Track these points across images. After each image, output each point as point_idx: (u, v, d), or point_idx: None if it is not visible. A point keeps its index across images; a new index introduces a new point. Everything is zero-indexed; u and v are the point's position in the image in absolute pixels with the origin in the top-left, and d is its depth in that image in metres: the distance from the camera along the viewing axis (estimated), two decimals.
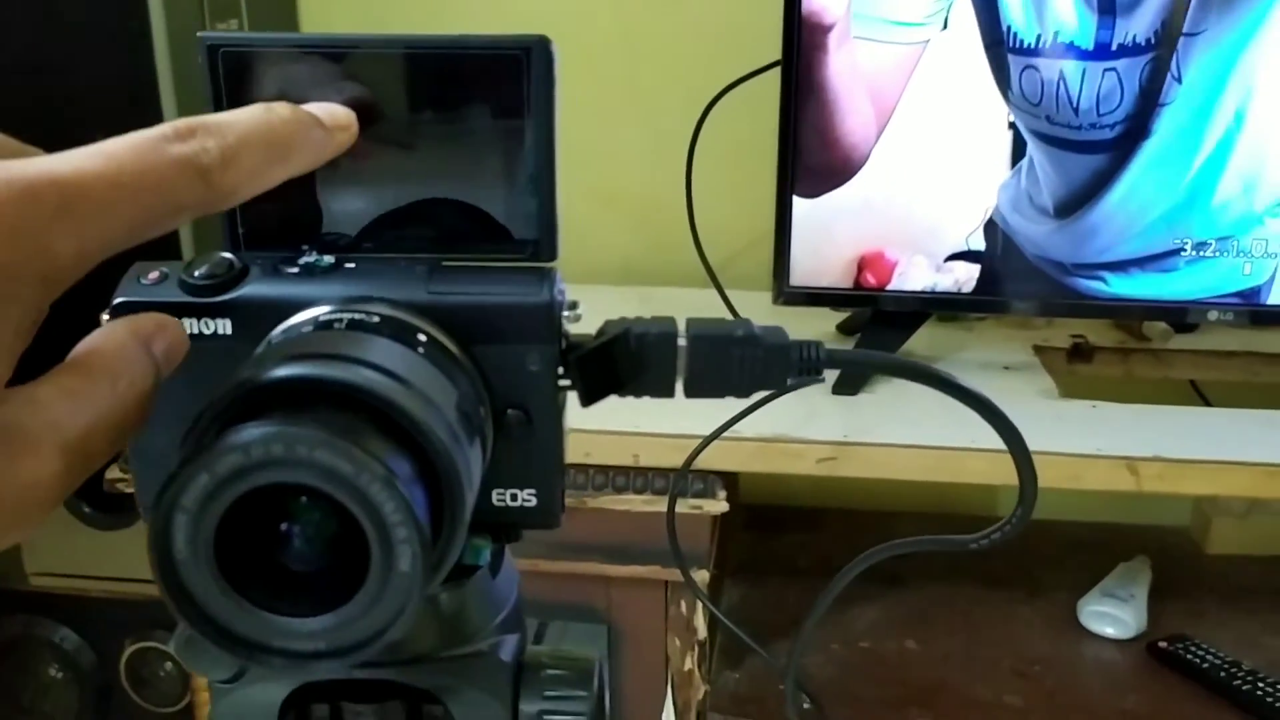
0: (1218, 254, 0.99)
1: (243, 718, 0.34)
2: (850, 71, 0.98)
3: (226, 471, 0.25)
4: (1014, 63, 0.95)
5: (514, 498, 0.34)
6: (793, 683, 0.81)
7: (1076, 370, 1.19)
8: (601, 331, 0.34)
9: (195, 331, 0.31)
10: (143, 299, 0.31)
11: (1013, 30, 0.94)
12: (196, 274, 0.31)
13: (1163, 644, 1.09)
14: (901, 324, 1.09)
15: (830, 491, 1.40)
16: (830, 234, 1.06)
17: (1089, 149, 0.92)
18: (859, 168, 1.01)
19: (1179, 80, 0.90)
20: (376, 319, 0.30)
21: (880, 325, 1.09)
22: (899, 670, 1.08)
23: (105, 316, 0.31)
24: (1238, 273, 0.99)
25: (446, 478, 0.27)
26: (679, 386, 0.34)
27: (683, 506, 0.99)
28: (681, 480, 0.95)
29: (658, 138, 1.24)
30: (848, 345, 1.11)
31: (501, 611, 0.36)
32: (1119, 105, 0.91)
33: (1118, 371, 1.19)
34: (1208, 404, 1.17)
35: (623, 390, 0.34)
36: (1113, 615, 1.13)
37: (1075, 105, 0.90)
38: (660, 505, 0.99)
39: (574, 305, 0.34)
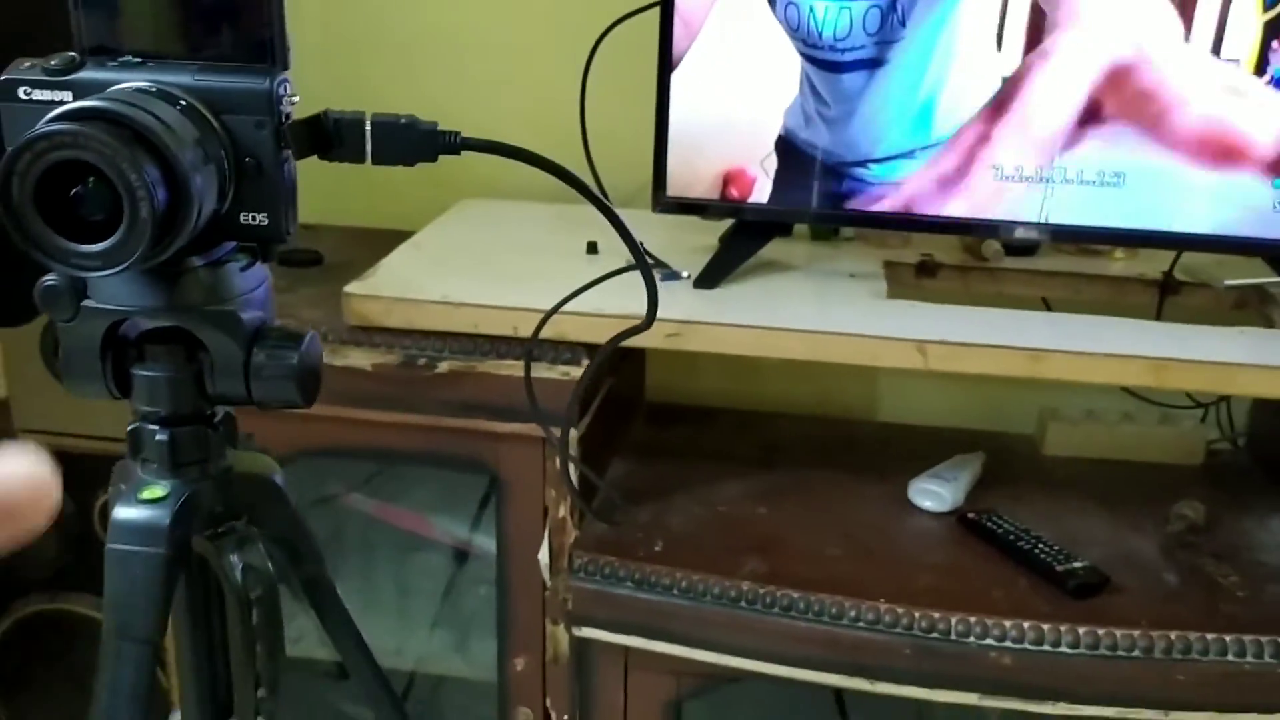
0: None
1: (77, 345, 0.53)
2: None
3: (41, 148, 0.44)
4: None
5: (254, 218, 0.53)
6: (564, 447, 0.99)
7: (922, 284, 1.37)
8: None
9: (48, 99, 0.50)
10: (18, 77, 0.50)
11: None
12: (52, 63, 0.51)
13: (970, 515, 1.28)
14: (760, 233, 1.27)
15: (728, 396, 1.59)
16: (702, 151, 1.24)
17: (838, 69, 1.10)
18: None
19: (903, 25, 1.08)
20: (154, 90, 0.49)
21: (742, 234, 1.27)
22: (744, 528, 1.27)
23: None
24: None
25: (179, 174, 0.46)
26: (369, 156, 0.53)
27: (552, 372, 1.18)
28: (539, 346, 1.14)
29: (560, 71, 1.42)
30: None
31: (246, 293, 0.55)
32: (852, 37, 1.09)
33: (957, 286, 1.36)
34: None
35: (327, 155, 0.52)
36: (934, 492, 1.31)
37: (819, 34, 1.08)
38: (539, 371, 1.17)
39: (294, 96, 0.52)
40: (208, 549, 0.58)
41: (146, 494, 0.57)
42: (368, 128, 0.53)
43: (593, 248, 1.33)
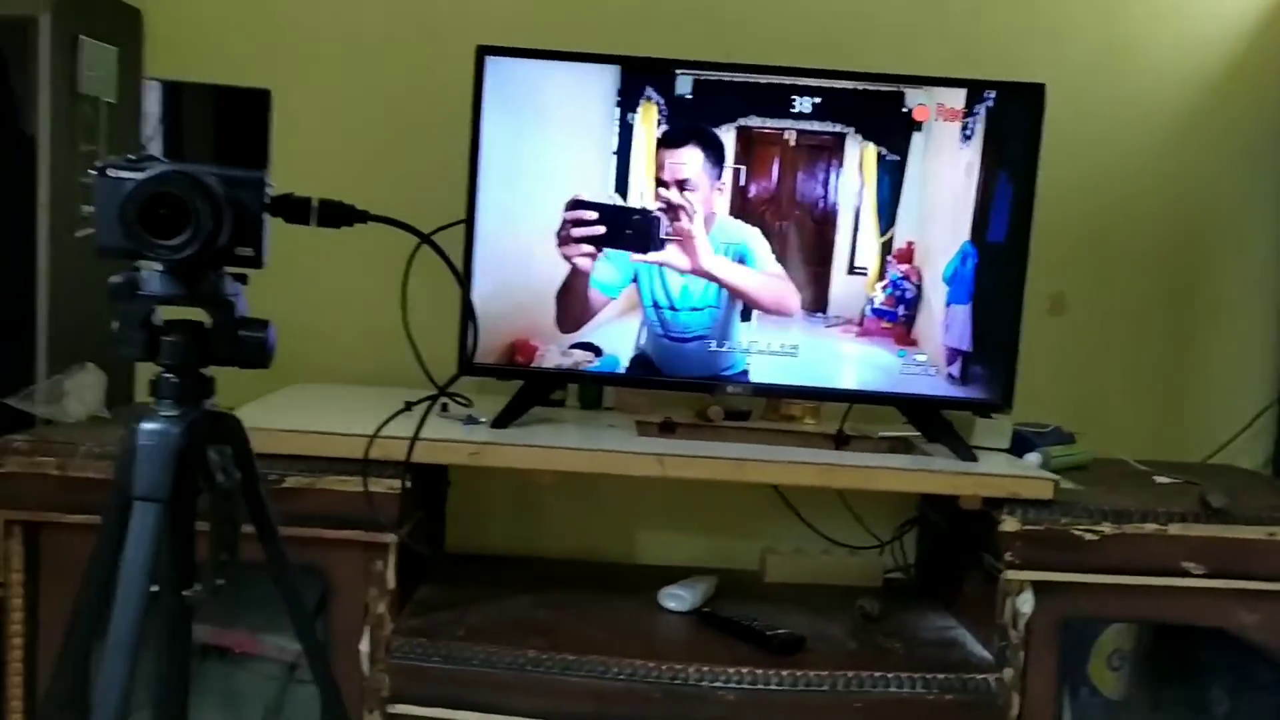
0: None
1: (129, 321, 0.86)
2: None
3: (148, 188, 0.80)
4: None
5: (244, 251, 0.88)
6: None
7: (664, 438, 1.78)
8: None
9: (124, 176, 0.86)
10: (106, 164, 0.86)
11: None
12: (126, 158, 0.87)
13: (706, 609, 1.64)
14: (539, 391, 1.67)
15: (513, 546, 1.92)
16: (496, 326, 1.64)
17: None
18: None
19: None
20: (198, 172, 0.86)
21: (527, 392, 1.67)
22: (529, 623, 1.58)
23: None
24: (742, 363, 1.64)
25: (218, 209, 0.83)
26: (314, 219, 0.91)
27: (379, 486, 1.50)
28: (371, 465, 1.46)
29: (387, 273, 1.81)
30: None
31: (234, 295, 0.90)
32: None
33: (691, 439, 1.78)
34: None
35: (290, 219, 0.90)
36: (678, 595, 1.68)
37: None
38: (365, 486, 1.49)
39: (272, 183, 0.90)
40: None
41: (165, 412, 0.87)
42: (314, 203, 0.90)
43: (408, 405, 1.68)
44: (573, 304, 1.63)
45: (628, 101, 1.62)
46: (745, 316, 1.65)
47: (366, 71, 1.94)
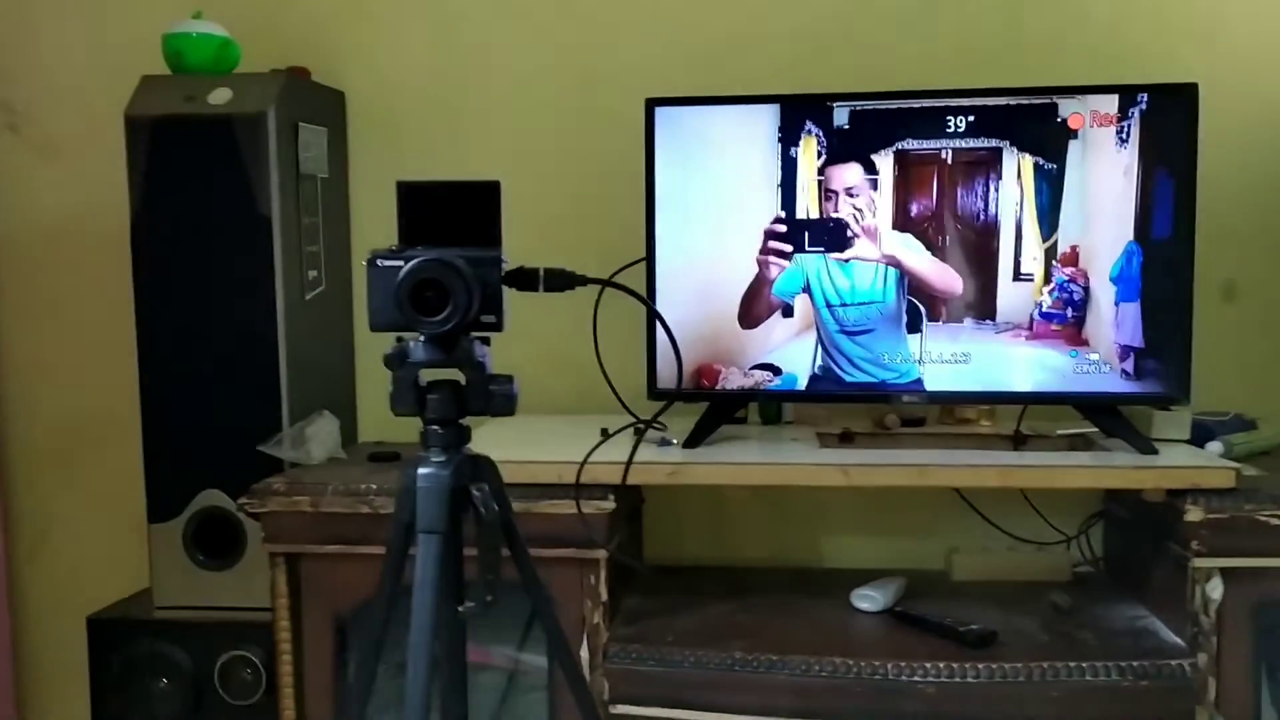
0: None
1: (402, 384, 1.03)
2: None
3: (419, 273, 0.97)
4: None
5: (487, 319, 1.04)
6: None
7: (844, 448, 1.88)
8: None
9: (391, 265, 1.03)
10: (376, 255, 1.03)
11: None
12: (390, 249, 1.04)
13: (898, 609, 1.73)
14: (723, 411, 1.80)
15: (707, 557, 2.05)
16: (683, 354, 1.78)
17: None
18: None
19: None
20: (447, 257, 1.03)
21: (711, 413, 1.80)
22: (731, 627, 1.71)
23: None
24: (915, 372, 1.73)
25: (473, 288, 0.99)
26: (541, 286, 1.06)
27: (589, 507, 1.65)
28: (582, 489, 1.62)
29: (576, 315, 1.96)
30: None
31: (483, 356, 1.06)
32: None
33: (869, 447, 1.88)
34: None
35: (523, 288, 1.05)
36: (870, 596, 1.77)
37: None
38: (575, 508, 1.65)
39: (506, 258, 1.06)
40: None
41: (435, 458, 1.04)
42: (541, 273, 1.06)
43: (604, 432, 1.83)
44: (755, 305, 1.76)
45: (788, 136, 1.74)
46: (913, 328, 1.74)
47: (542, 121, 2.11)
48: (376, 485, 1.68)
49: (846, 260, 1.73)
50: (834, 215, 1.73)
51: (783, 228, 1.74)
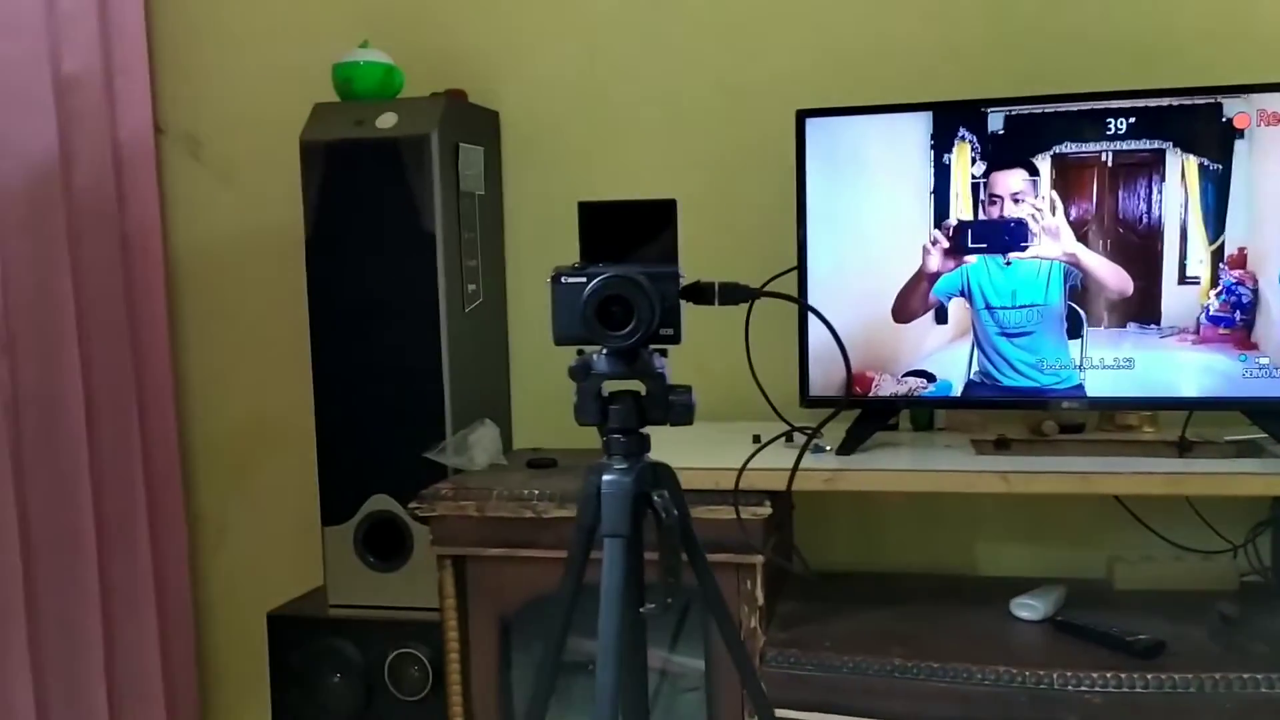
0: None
1: (585, 396, 1.08)
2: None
3: (604, 290, 1.02)
4: None
5: (665, 331, 1.08)
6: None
7: (999, 454, 1.87)
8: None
9: (574, 281, 1.08)
10: (560, 271, 1.08)
11: None
12: (574, 265, 1.09)
13: (1060, 618, 1.71)
14: (877, 418, 1.81)
15: (859, 564, 2.06)
16: (829, 363, 1.79)
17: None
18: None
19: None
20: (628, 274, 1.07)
21: (864, 419, 1.81)
22: (888, 633, 1.71)
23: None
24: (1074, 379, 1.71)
25: (653, 303, 1.03)
26: (716, 300, 1.10)
27: (746, 513, 1.68)
28: (738, 495, 1.64)
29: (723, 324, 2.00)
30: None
31: (662, 368, 1.11)
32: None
33: (1026, 454, 1.86)
34: None
35: (698, 302, 1.09)
36: (1030, 605, 1.75)
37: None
38: (731, 513, 1.68)
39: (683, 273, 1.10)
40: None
41: (618, 466, 1.09)
42: (716, 286, 1.10)
43: (756, 439, 1.85)
44: (911, 300, 1.77)
45: (941, 144, 1.74)
46: (1073, 334, 1.72)
47: (689, 135, 2.15)
48: (539, 490, 1.74)
49: (1008, 263, 1.72)
50: (1017, 217, 1.72)
51: (952, 225, 1.74)
